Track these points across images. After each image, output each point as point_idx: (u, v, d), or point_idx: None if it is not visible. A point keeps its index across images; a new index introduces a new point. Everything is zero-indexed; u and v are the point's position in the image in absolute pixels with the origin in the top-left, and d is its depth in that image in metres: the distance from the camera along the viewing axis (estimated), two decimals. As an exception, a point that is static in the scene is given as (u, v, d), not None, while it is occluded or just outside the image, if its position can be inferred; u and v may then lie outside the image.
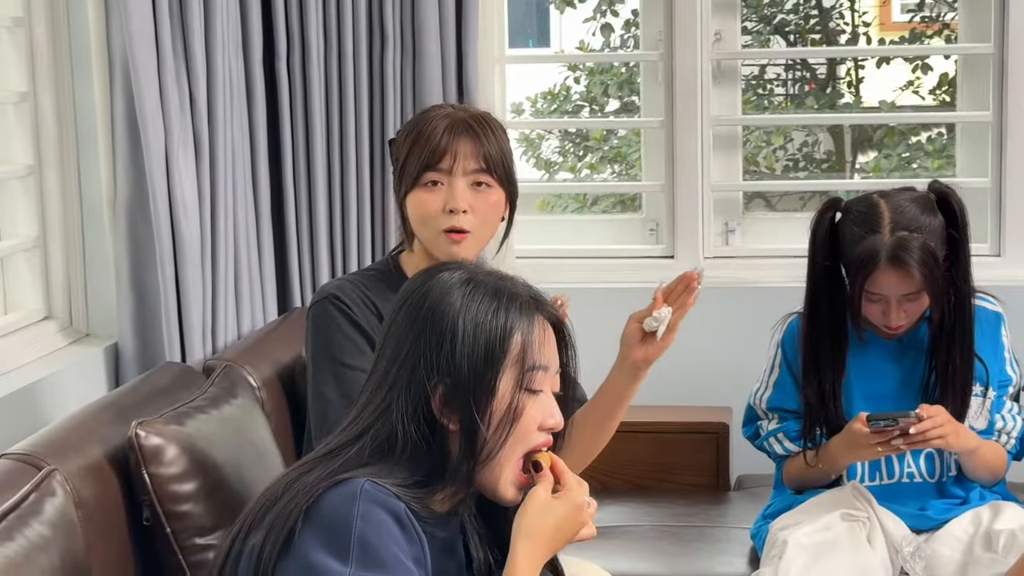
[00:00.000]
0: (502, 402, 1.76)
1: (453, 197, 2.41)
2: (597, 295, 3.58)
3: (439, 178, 2.42)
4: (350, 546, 1.62)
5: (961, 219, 2.75)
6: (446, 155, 2.41)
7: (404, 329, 1.79)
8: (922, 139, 6.56)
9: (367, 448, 1.73)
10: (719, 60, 3.74)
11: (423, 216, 2.44)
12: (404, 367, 1.76)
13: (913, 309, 2.73)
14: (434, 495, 1.75)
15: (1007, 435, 2.83)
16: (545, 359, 1.79)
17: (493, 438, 1.75)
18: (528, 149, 7.58)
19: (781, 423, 2.90)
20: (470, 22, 3.37)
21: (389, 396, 1.75)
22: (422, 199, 2.44)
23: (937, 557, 2.72)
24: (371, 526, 1.63)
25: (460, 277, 1.80)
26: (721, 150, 3.79)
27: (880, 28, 7.51)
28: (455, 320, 1.75)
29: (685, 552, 3.04)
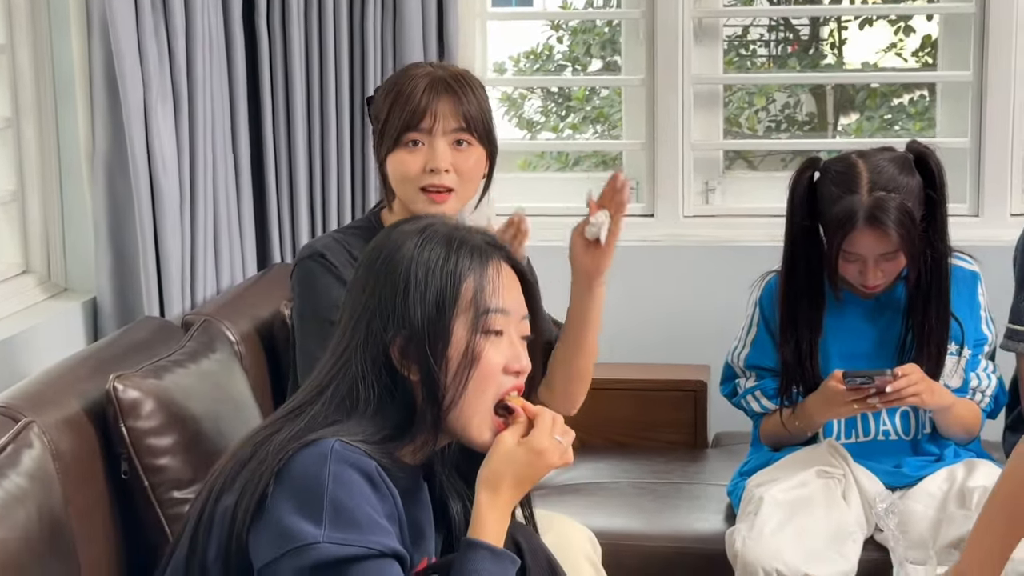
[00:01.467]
0: (458, 347, 1.76)
1: (434, 157, 2.42)
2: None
3: (420, 138, 2.43)
4: (323, 508, 1.62)
5: (939, 179, 2.75)
6: (427, 115, 2.41)
7: (362, 284, 1.80)
8: (904, 101, 6.57)
9: (331, 404, 1.74)
10: (701, 18, 3.73)
11: (404, 176, 2.44)
12: (361, 321, 1.77)
13: (890, 269, 2.74)
14: (403, 447, 1.75)
15: (982, 393, 2.86)
16: (502, 302, 1.79)
17: (453, 384, 1.76)
18: (510, 108, 7.56)
19: (758, 381, 2.92)
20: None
21: (348, 351, 1.76)
22: (403, 159, 2.44)
23: (911, 513, 2.73)
24: (343, 487, 1.64)
25: (415, 228, 1.81)
26: (702, 109, 3.78)
27: (864, -11, 7.51)
28: (407, 269, 1.75)
29: (662, 508, 3.06)
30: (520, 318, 1.82)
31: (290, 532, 1.61)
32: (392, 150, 2.44)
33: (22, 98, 2.97)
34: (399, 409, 1.76)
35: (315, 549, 1.60)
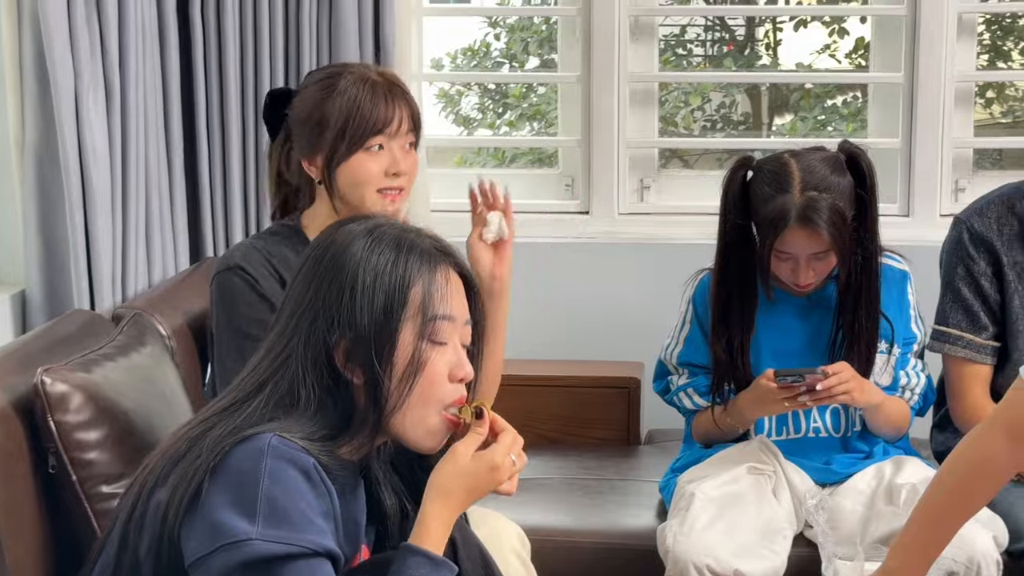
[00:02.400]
0: (404, 353, 1.75)
1: (395, 161, 2.45)
2: (513, 250, 3.57)
3: (382, 142, 2.44)
4: (257, 504, 1.60)
5: (869, 179, 2.77)
6: (393, 120, 2.43)
7: (305, 282, 1.78)
8: (837, 102, 6.62)
9: (269, 401, 1.72)
10: (637, 17, 3.73)
11: (363, 180, 2.45)
12: (304, 319, 1.75)
13: (821, 268, 2.75)
14: (342, 446, 1.74)
15: (911, 391, 2.88)
16: (449, 309, 1.78)
17: (398, 390, 1.75)
18: (447, 105, 7.54)
19: (691, 378, 2.92)
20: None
21: (288, 348, 1.74)
22: (363, 163, 2.44)
23: (840, 510, 2.75)
24: (279, 483, 1.62)
25: (363, 228, 1.79)
26: (638, 108, 3.78)
27: (799, -10, 7.58)
28: (355, 271, 1.74)
29: (595, 504, 3.06)
30: (464, 324, 1.82)
31: (223, 528, 1.59)
32: (349, 156, 2.44)
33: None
34: (339, 410, 1.75)
35: (247, 546, 1.59)
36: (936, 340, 2.89)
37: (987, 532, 2.61)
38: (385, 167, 2.44)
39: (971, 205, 2.95)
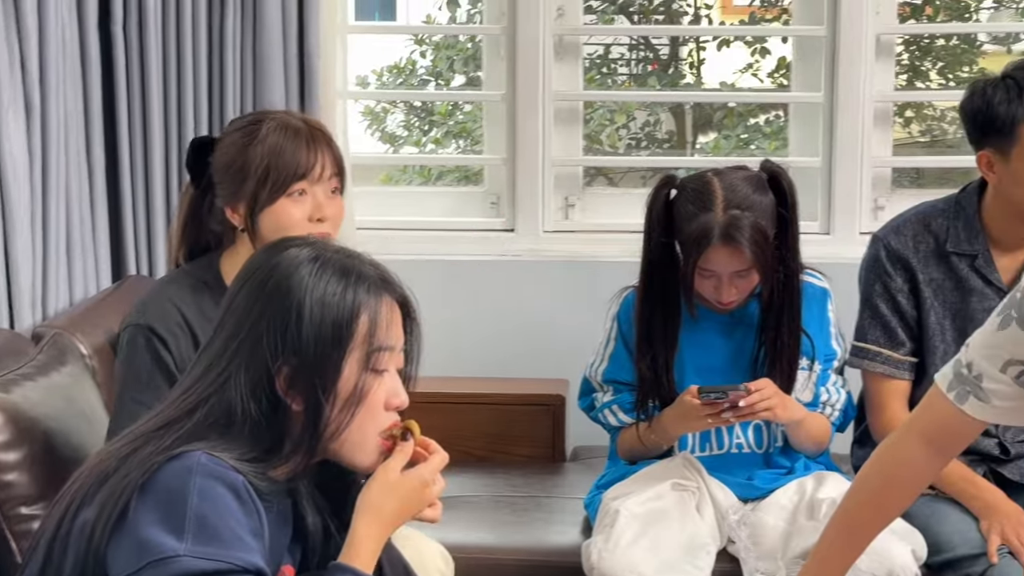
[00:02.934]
0: (348, 383, 1.75)
1: (319, 207, 2.46)
2: (438, 267, 3.58)
3: (305, 187, 2.44)
4: (186, 521, 1.59)
5: (790, 198, 2.80)
6: (315, 166, 2.43)
7: (247, 305, 1.76)
8: (760, 121, 6.68)
9: (203, 422, 1.70)
10: (561, 36, 3.73)
11: (287, 225, 2.43)
12: (245, 343, 1.73)
13: (744, 285, 2.77)
14: (274, 468, 1.73)
15: (831, 407, 2.89)
16: (391, 339, 1.79)
17: (338, 418, 1.75)
18: (373, 122, 7.54)
19: (616, 395, 2.92)
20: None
21: (227, 370, 1.72)
22: (286, 209, 2.44)
23: (762, 525, 2.76)
24: (208, 500, 1.61)
25: (308, 254, 1.78)
26: (562, 126, 3.79)
27: (722, 11, 7.63)
28: (302, 298, 1.73)
29: (520, 522, 3.06)
30: (399, 351, 1.83)
31: (150, 545, 1.58)
32: (273, 202, 2.43)
33: None
34: (274, 433, 1.74)
35: (175, 562, 1.57)
36: (855, 356, 2.92)
37: (906, 545, 2.64)
38: (308, 212, 2.45)
39: (888, 223, 2.98)
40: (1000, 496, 2.75)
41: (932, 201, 2.95)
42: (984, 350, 2.07)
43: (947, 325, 2.86)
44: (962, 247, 2.83)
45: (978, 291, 2.84)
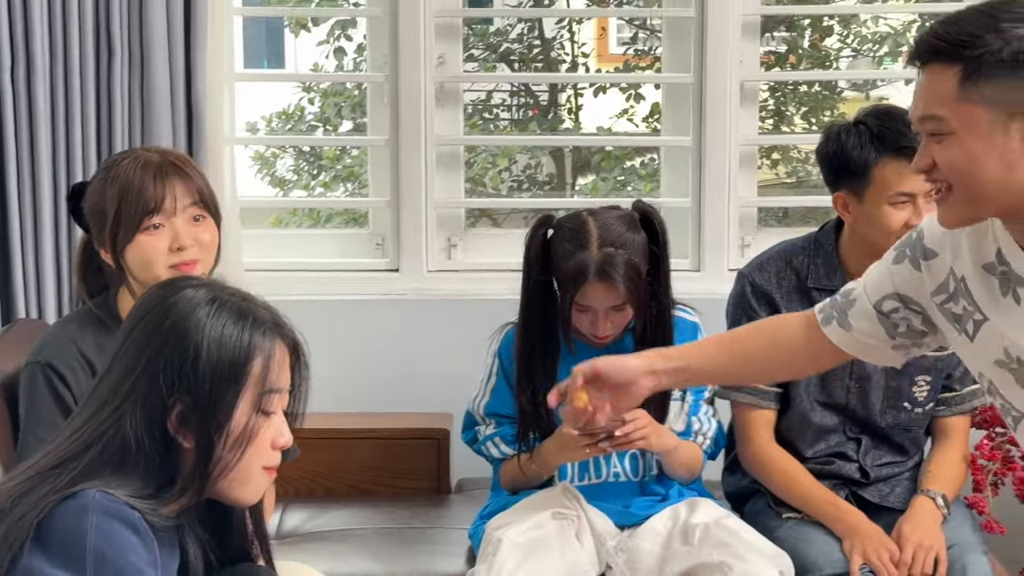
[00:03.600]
0: (239, 423, 1.75)
1: (177, 236, 2.45)
2: (325, 307, 3.56)
3: (160, 220, 2.44)
4: (85, 560, 1.58)
5: (662, 236, 2.82)
6: (165, 198, 2.43)
7: (142, 343, 1.75)
8: (636, 163, 6.76)
9: (97, 459, 1.68)
10: (442, 83, 3.74)
11: (151, 259, 2.44)
12: (140, 381, 1.72)
13: (619, 320, 2.79)
14: (167, 504, 1.72)
15: (703, 436, 2.92)
16: (281, 382, 1.80)
17: (227, 457, 1.74)
18: (263, 167, 7.49)
19: (498, 428, 2.93)
20: (198, 38, 3.28)
21: (122, 408, 1.71)
22: (146, 244, 2.44)
23: (638, 551, 2.77)
24: (106, 538, 1.60)
25: (205, 295, 1.77)
26: (445, 169, 3.78)
27: (598, 60, 7.69)
28: (199, 339, 1.72)
29: (406, 553, 3.03)
30: (287, 392, 1.83)
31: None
32: (131, 238, 2.43)
33: None
34: (165, 470, 1.73)
35: None
36: (724, 388, 2.93)
37: (774, 567, 2.65)
38: (168, 243, 2.44)
39: (753, 260, 3.01)
40: (861, 518, 2.79)
41: (793, 239, 2.99)
42: (873, 279, 2.17)
43: None
44: (822, 283, 2.86)
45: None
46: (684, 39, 3.74)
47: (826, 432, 2.91)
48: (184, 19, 3.22)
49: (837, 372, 2.85)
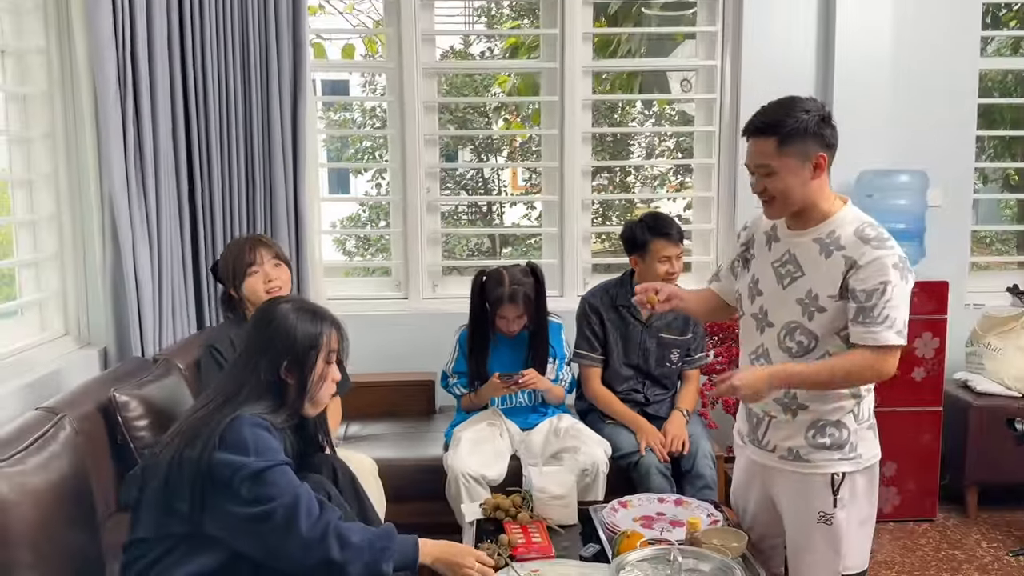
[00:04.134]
0: (319, 370, 1.74)
1: (267, 275, 2.44)
2: (370, 318, 3.45)
3: (256, 268, 2.43)
4: (249, 448, 1.57)
5: (541, 280, 2.82)
6: (255, 256, 2.44)
7: (261, 331, 1.74)
8: (531, 242, 6.80)
9: (245, 397, 1.67)
10: (429, 201, 3.58)
11: (254, 289, 2.43)
12: (264, 351, 1.71)
13: (519, 323, 2.79)
14: (280, 417, 1.70)
15: (564, 382, 2.91)
16: (335, 346, 1.79)
17: (314, 388, 1.74)
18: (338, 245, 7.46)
19: (459, 378, 2.91)
20: (301, 177, 3.07)
21: (256, 366, 1.70)
22: (251, 282, 2.43)
23: (532, 442, 2.78)
24: (258, 436, 1.59)
25: (291, 307, 1.76)
26: (432, 246, 3.64)
27: (513, 188, 7.77)
28: (290, 329, 1.72)
29: (413, 445, 2.96)
30: (335, 353, 1.81)
31: (232, 463, 1.55)
32: (243, 281, 2.42)
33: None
34: (279, 399, 1.71)
35: (250, 465, 1.56)
36: (575, 357, 2.93)
37: (600, 448, 2.67)
38: (263, 280, 2.43)
39: (588, 291, 3.00)
40: (644, 422, 2.80)
41: (609, 279, 2.98)
42: (727, 257, 2.11)
43: (617, 339, 2.88)
44: (622, 301, 2.87)
45: (631, 323, 2.87)
46: (554, 179, 3.62)
47: (627, 378, 2.90)
48: (293, 167, 3.11)
49: (633, 346, 2.86)
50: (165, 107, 2.78)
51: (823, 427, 1.89)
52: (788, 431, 1.93)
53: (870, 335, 1.77)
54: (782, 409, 1.93)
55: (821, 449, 1.90)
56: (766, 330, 1.93)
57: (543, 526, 2.14)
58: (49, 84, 2.71)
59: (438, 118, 3.62)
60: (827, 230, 1.85)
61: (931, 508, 3.26)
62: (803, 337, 1.86)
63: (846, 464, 1.89)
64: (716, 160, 3.60)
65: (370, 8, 6.68)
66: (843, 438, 1.89)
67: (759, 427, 1.99)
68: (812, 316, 1.84)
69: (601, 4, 4.87)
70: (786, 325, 1.88)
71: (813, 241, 1.86)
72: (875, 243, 1.80)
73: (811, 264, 1.85)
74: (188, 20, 2.83)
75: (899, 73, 3.42)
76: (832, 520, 1.90)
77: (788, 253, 1.90)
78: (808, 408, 1.89)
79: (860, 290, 1.77)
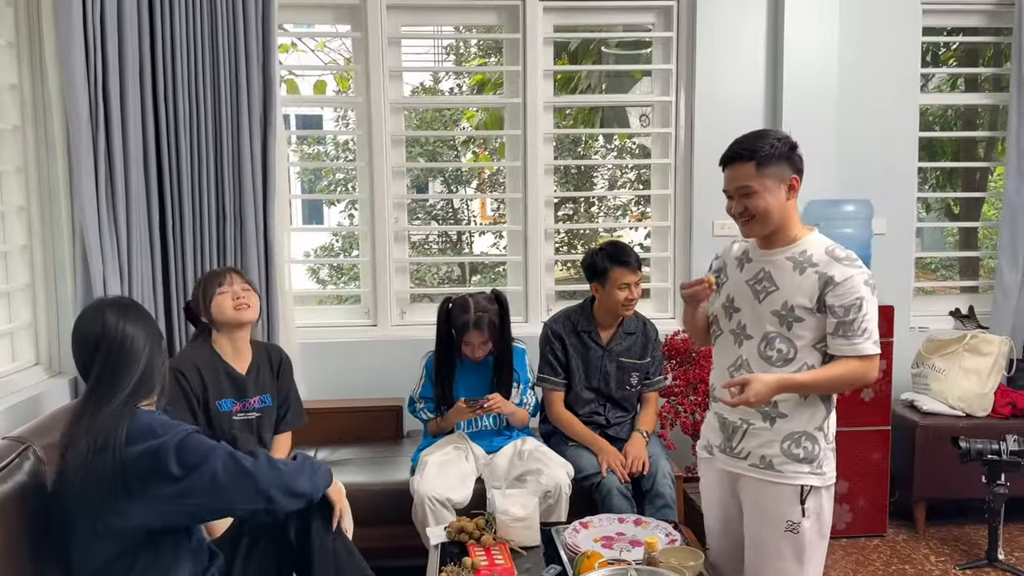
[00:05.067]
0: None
1: (236, 293, 2.45)
2: (339, 345, 3.44)
3: (225, 289, 2.44)
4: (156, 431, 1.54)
5: (505, 306, 2.82)
6: (226, 279, 2.45)
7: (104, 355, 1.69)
8: (499, 269, 6.82)
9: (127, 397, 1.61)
10: (397, 231, 3.58)
11: (222, 307, 2.43)
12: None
13: (485, 348, 2.79)
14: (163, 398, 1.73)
15: (528, 405, 2.90)
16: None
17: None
18: (312, 274, 7.42)
19: (425, 403, 2.90)
20: (272, 208, 3.06)
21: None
22: (220, 299, 2.44)
23: (497, 465, 2.77)
24: (154, 418, 1.58)
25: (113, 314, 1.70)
26: (399, 274, 3.65)
27: (482, 218, 7.77)
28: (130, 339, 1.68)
29: (380, 470, 2.93)
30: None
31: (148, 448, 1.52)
32: (212, 300, 2.43)
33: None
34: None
35: (166, 442, 1.53)
36: (539, 381, 2.93)
37: (563, 470, 2.67)
38: (231, 298, 2.44)
39: (551, 316, 3.00)
40: (606, 443, 2.80)
41: (571, 306, 3.00)
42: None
43: (579, 364, 2.89)
44: (583, 326, 2.89)
45: (592, 348, 2.89)
46: (518, 209, 3.64)
47: (588, 401, 2.91)
48: (264, 198, 3.07)
49: (594, 370, 2.87)
50: (136, 141, 2.78)
51: (799, 438, 1.95)
52: (764, 439, 1.97)
53: (851, 347, 1.87)
54: (762, 417, 1.97)
55: (793, 461, 1.95)
56: (744, 343, 1.99)
57: (506, 548, 2.14)
58: (22, 119, 2.70)
59: (407, 151, 3.65)
60: (798, 250, 1.95)
61: (881, 524, 3.30)
62: (783, 345, 1.93)
63: (814, 478, 1.94)
64: (672, 191, 3.66)
65: (341, 46, 6.73)
66: (814, 452, 1.95)
67: (735, 435, 2.02)
68: (790, 326, 1.92)
69: (561, 43, 4.96)
70: (765, 336, 1.95)
71: (786, 259, 1.95)
72: (846, 262, 1.90)
73: (785, 279, 1.94)
74: (159, 55, 2.83)
75: (844, 108, 3.52)
76: (799, 529, 1.93)
77: (763, 271, 1.98)
78: (787, 417, 1.95)
79: (839, 306, 1.86)
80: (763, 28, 3.49)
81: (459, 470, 2.71)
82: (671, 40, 3.58)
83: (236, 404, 2.47)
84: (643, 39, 4.25)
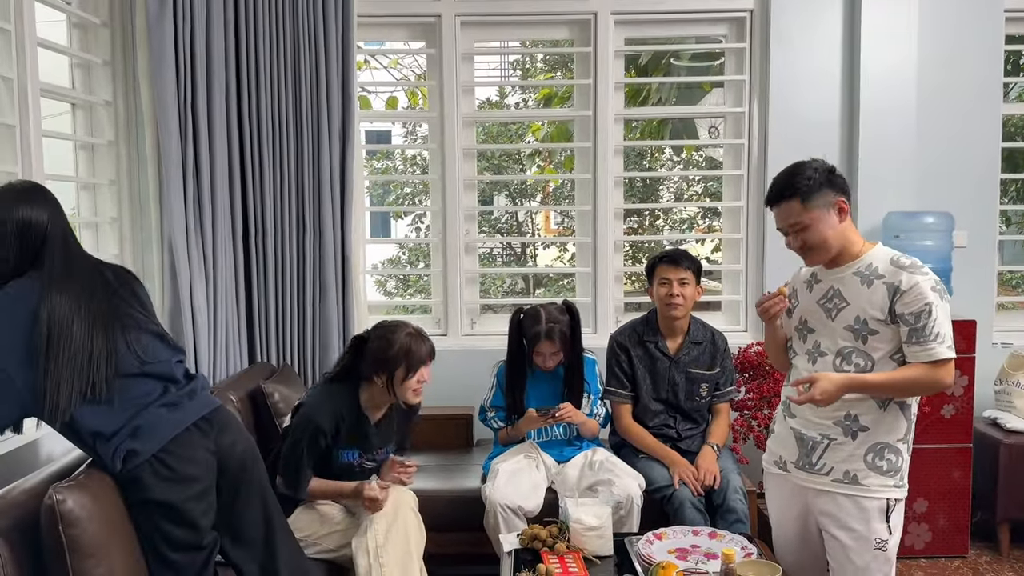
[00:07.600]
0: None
1: (421, 377, 2.40)
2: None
3: (420, 376, 2.39)
4: None
5: (577, 317, 2.81)
6: (427, 368, 2.41)
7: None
8: (564, 282, 6.82)
9: None
10: (467, 243, 3.59)
11: (408, 390, 2.37)
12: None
13: (557, 358, 2.79)
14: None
15: (599, 416, 2.88)
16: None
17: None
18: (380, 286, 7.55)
19: (496, 412, 2.91)
20: (348, 222, 3.10)
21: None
22: (410, 384, 2.37)
23: (567, 475, 2.75)
24: None
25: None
26: (469, 285, 3.64)
27: (545, 230, 7.80)
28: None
29: (452, 476, 2.95)
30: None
31: None
32: (405, 380, 2.34)
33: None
34: None
35: None
36: (607, 393, 2.91)
37: (635, 481, 2.65)
38: (417, 381, 2.39)
39: (617, 329, 3.00)
40: (678, 456, 2.76)
41: (637, 317, 2.99)
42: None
43: (645, 375, 2.86)
44: (649, 337, 2.87)
45: (659, 358, 2.86)
46: (587, 221, 3.62)
47: (657, 413, 2.88)
48: (341, 211, 3.13)
49: (661, 381, 2.84)
50: (222, 155, 2.87)
51: (882, 450, 1.93)
52: (847, 453, 1.95)
53: (925, 352, 1.86)
54: (842, 431, 1.95)
55: (878, 473, 1.93)
56: (818, 360, 1.99)
57: (579, 556, 2.12)
58: (115, 134, 2.82)
59: (476, 164, 3.67)
60: (864, 264, 1.95)
61: (963, 545, 3.16)
62: (859, 359, 1.92)
63: (897, 491, 1.94)
64: (745, 202, 3.59)
65: (412, 63, 6.85)
66: (898, 464, 1.94)
67: (814, 451, 1.98)
68: (865, 339, 1.92)
69: (632, 56, 4.93)
70: (840, 351, 1.95)
71: (853, 275, 1.96)
72: (911, 269, 1.89)
73: (854, 294, 1.94)
74: (245, 74, 2.93)
75: (923, 117, 3.40)
76: (887, 547, 1.92)
77: (832, 289, 1.98)
78: (869, 430, 1.93)
79: (908, 313, 1.86)
80: (839, 37, 3.40)
81: (530, 479, 2.70)
82: (744, 51, 3.53)
83: (361, 457, 2.40)
84: (715, 51, 4.20)
